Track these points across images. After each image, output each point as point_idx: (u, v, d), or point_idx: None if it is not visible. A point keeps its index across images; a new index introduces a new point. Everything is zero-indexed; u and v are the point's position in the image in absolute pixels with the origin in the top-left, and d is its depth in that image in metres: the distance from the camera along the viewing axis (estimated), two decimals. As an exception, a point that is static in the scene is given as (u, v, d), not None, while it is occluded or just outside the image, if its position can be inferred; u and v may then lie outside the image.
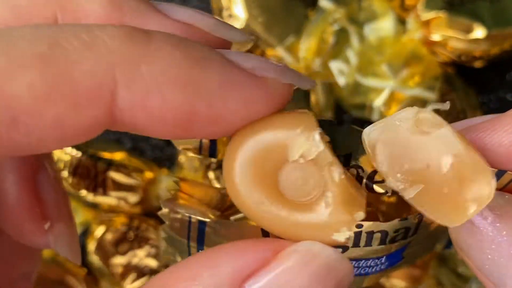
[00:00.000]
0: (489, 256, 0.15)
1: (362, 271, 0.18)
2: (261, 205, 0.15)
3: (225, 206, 0.18)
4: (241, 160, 0.15)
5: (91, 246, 0.34)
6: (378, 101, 0.32)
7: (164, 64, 0.13)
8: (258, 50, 0.34)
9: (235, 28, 0.17)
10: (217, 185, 0.32)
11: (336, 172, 0.15)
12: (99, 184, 0.32)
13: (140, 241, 0.34)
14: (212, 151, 0.18)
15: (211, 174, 0.33)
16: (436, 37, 0.31)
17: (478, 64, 0.33)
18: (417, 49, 0.32)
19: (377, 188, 0.16)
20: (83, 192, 0.32)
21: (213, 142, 0.18)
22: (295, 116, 0.15)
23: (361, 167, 0.16)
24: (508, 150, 0.15)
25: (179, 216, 0.18)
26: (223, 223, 0.17)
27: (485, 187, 0.14)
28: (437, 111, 0.16)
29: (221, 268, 0.14)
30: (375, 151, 0.15)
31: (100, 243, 0.34)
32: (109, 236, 0.34)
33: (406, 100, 0.32)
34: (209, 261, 0.14)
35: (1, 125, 0.12)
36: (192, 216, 0.17)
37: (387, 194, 0.15)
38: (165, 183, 0.32)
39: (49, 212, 0.18)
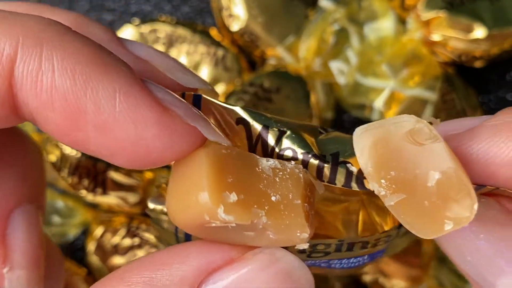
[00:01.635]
0: (469, 259, 0.16)
1: (345, 265, 0.19)
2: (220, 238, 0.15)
3: None
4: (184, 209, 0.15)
5: (91, 246, 0.34)
6: (378, 101, 0.32)
7: (66, 53, 0.14)
8: (258, 50, 0.34)
9: (195, 74, 0.17)
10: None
11: (261, 223, 0.14)
12: (98, 184, 0.32)
13: (139, 241, 0.34)
14: None
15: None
16: (436, 37, 0.31)
17: (478, 64, 0.33)
18: (417, 49, 0.32)
19: (367, 184, 0.16)
20: (83, 192, 0.32)
21: None
22: (198, 199, 0.14)
23: (349, 162, 0.16)
24: (485, 164, 0.15)
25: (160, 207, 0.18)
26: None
27: (465, 210, 0.14)
28: (437, 111, 0.15)
29: (189, 260, 0.14)
30: (364, 152, 0.15)
31: (100, 243, 0.34)
32: (109, 236, 0.34)
33: (406, 100, 0.32)
34: (179, 253, 0.15)
35: None
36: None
37: (379, 194, 0.15)
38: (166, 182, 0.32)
39: (12, 257, 0.18)
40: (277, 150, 0.16)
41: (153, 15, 0.38)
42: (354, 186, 0.16)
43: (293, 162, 0.16)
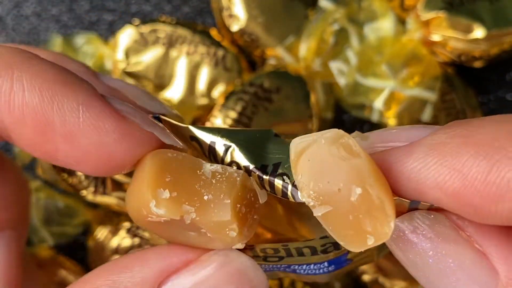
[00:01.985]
0: (421, 273, 0.16)
1: (309, 272, 0.19)
2: (166, 233, 0.17)
3: None
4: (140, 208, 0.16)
5: (91, 246, 0.34)
6: (378, 101, 0.32)
7: (33, 75, 0.16)
8: (258, 50, 0.35)
9: (161, 102, 0.20)
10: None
11: (190, 219, 0.16)
12: (99, 184, 0.32)
13: (140, 241, 0.34)
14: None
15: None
16: (436, 37, 0.31)
17: (478, 64, 0.33)
18: (417, 49, 0.32)
19: (300, 196, 0.16)
20: (83, 192, 0.32)
21: None
22: (138, 189, 0.16)
23: (287, 175, 0.17)
24: (416, 183, 0.15)
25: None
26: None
27: (384, 227, 0.15)
28: (437, 111, 0.16)
29: (149, 263, 0.16)
30: (297, 163, 0.16)
31: (100, 243, 0.34)
32: (109, 236, 0.34)
33: (405, 100, 0.32)
34: (141, 257, 0.16)
35: None
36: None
37: (308, 204, 0.16)
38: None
39: None
40: (225, 162, 0.18)
41: (153, 15, 0.38)
42: (290, 197, 0.17)
43: (235, 168, 0.17)
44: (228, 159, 0.17)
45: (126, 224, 0.34)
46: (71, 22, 0.38)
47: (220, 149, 0.18)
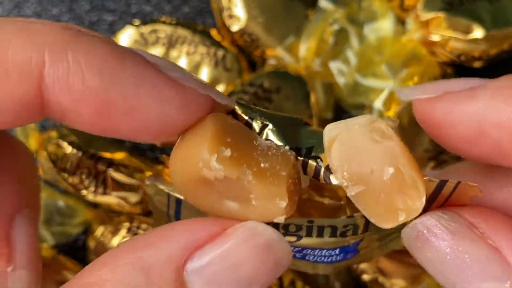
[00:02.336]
0: (438, 270, 0.17)
1: (318, 259, 0.20)
2: (207, 201, 0.17)
3: None
4: (187, 173, 0.17)
5: (92, 246, 0.34)
6: (378, 101, 0.32)
7: (88, 53, 0.15)
8: (258, 51, 0.35)
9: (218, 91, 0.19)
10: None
11: (246, 180, 0.16)
12: (99, 183, 0.32)
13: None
14: None
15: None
16: (435, 37, 0.31)
17: (477, 64, 0.33)
18: (417, 50, 0.32)
19: (333, 179, 0.17)
20: (84, 192, 0.32)
21: None
22: (199, 142, 0.17)
23: (320, 158, 0.18)
24: (479, 125, 0.17)
25: (161, 188, 0.20)
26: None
27: (416, 203, 0.16)
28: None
29: (174, 239, 0.16)
30: (331, 148, 0.17)
31: (101, 243, 0.34)
32: (110, 236, 0.34)
33: (405, 100, 0.32)
34: (165, 233, 0.16)
35: None
36: (171, 192, 0.20)
37: (342, 185, 0.17)
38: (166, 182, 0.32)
39: (16, 257, 0.19)
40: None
41: (153, 16, 0.38)
42: (322, 179, 0.18)
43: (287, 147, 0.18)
44: (265, 136, 0.18)
45: (127, 224, 0.35)
46: (71, 23, 0.39)
47: (256, 127, 0.18)
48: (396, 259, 0.32)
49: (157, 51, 0.35)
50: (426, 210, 0.17)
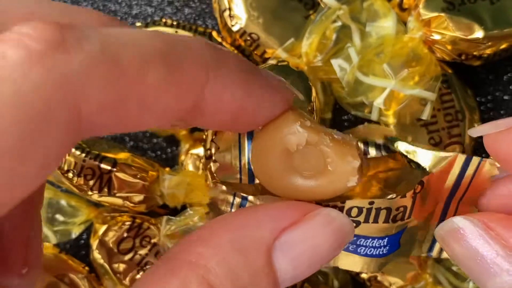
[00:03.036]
0: (467, 264, 0.19)
1: (368, 252, 0.22)
2: (285, 181, 0.20)
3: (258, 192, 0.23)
4: (268, 154, 0.20)
5: (94, 244, 0.35)
6: (378, 100, 0.32)
7: (232, 67, 0.18)
8: (259, 51, 0.35)
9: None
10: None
11: (325, 143, 0.19)
12: (104, 184, 0.32)
13: (142, 240, 0.34)
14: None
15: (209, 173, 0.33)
16: (436, 36, 0.31)
17: (477, 64, 0.33)
18: (418, 49, 0.32)
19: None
20: (89, 193, 0.33)
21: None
22: (284, 117, 0.20)
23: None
24: None
25: (222, 197, 0.23)
26: (260, 197, 0.22)
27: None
28: (436, 110, 0.18)
29: (264, 222, 0.18)
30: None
31: (103, 241, 0.34)
32: (112, 235, 0.34)
33: (405, 100, 0.32)
34: (254, 217, 0.18)
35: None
36: (237, 192, 0.22)
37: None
38: (168, 182, 0.33)
39: (30, 258, 0.20)
40: None
41: (154, 17, 0.38)
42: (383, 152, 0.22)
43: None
44: None
45: (129, 223, 0.35)
46: (74, 24, 0.39)
47: None
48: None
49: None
50: (456, 188, 0.22)
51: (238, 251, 0.17)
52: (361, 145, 0.22)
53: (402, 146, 0.23)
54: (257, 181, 0.24)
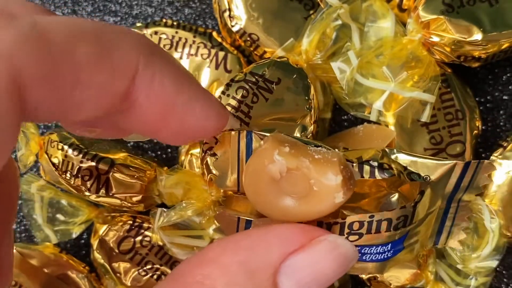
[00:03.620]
0: None
1: (373, 257, 0.22)
2: (278, 205, 0.21)
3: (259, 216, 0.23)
4: (258, 181, 0.21)
5: (95, 244, 0.35)
6: (378, 102, 0.32)
7: (165, 60, 0.18)
8: (259, 51, 0.35)
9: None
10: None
11: (305, 165, 0.20)
12: (101, 185, 0.32)
13: (142, 240, 0.34)
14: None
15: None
16: (435, 38, 0.32)
17: (476, 64, 0.33)
18: (417, 51, 0.32)
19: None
20: (86, 194, 0.33)
21: None
22: (264, 148, 0.21)
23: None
24: None
25: (231, 214, 0.24)
26: (262, 220, 0.23)
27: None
28: (435, 109, 0.18)
29: (272, 247, 0.19)
30: None
31: (103, 241, 0.34)
32: (112, 234, 0.34)
33: (405, 101, 0.32)
34: (263, 239, 0.19)
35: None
36: (241, 217, 0.23)
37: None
38: (166, 181, 0.32)
39: (5, 273, 0.21)
40: None
41: (155, 17, 0.38)
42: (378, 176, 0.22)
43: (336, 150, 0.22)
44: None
45: (129, 222, 0.35)
46: (74, 24, 0.39)
47: None
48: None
49: (158, 52, 0.35)
50: (456, 191, 0.23)
51: (246, 274, 0.17)
52: (353, 163, 0.22)
53: (401, 157, 0.23)
54: None
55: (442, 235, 0.24)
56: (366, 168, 0.22)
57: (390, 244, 0.22)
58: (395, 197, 0.24)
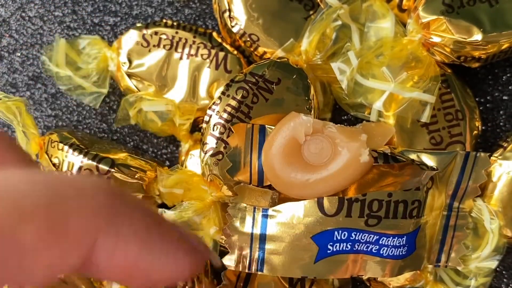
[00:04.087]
0: None
1: (390, 252, 0.23)
2: (294, 175, 0.22)
3: (274, 204, 0.24)
4: (275, 149, 0.22)
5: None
6: (378, 102, 0.32)
7: (131, 221, 0.17)
8: (259, 51, 0.35)
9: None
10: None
11: (329, 128, 0.21)
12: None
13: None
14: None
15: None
16: (435, 39, 0.32)
17: (476, 65, 0.33)
18: (417, 51, 0.32)
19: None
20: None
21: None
22: (289, 114, 0.23)
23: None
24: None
25: (240, 215, 0.24)
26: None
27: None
28: (435, 109, 0.18)
29: None
30: None
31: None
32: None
33: (405, 101, 0.32)
34: None
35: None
36: (256, 207, 0.24)
37: None
38: (166, 181, 0.33)
39: None
40: None
41: (155, 18, 0.38)
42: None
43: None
44: None
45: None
46: (74, 24, 0.39)
47: None
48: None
49: (159, 53, 0.35)
50: (457, 187, 0.24)
51: None
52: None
53: (408, 154, 0.24)
54: (267, 182, 0.25)
55: (445, 246, 0.25)
56: (380, 157, 0.23)
57: (405, 237, 0.22)
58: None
